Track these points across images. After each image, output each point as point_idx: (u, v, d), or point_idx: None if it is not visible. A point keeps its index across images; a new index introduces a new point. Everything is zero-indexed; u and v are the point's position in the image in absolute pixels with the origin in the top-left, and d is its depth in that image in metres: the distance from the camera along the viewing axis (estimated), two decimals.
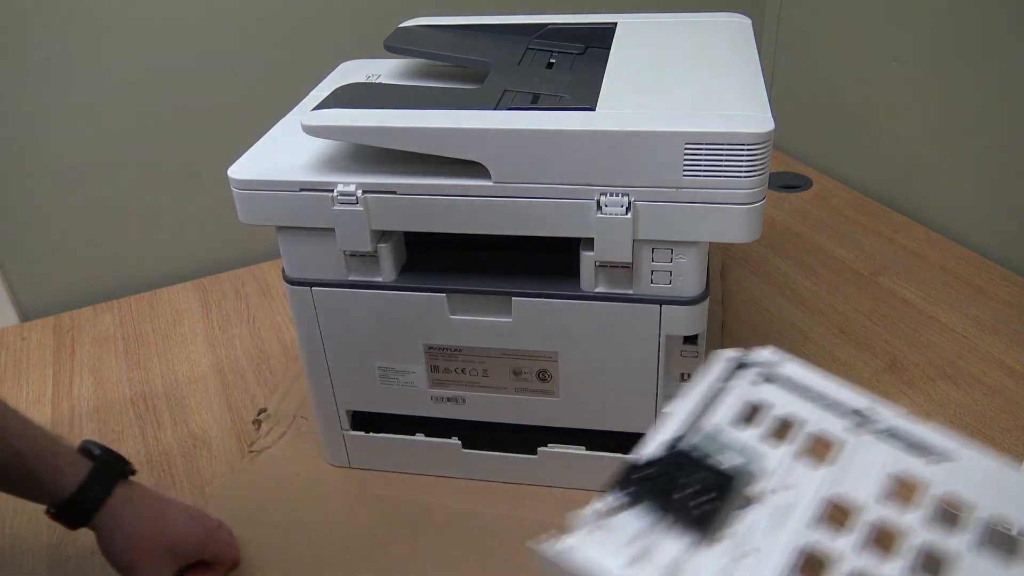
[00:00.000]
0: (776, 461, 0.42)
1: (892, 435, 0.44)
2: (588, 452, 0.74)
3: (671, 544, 0.37)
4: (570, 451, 0.74)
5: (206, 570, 0.68)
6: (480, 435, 0.76)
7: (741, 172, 0.57)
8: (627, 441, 0.71)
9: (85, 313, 1.09)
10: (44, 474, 0.61)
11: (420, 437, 0.77)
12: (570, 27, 0.78)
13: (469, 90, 0.68)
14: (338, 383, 0.76)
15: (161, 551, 0.64)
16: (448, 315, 0.68)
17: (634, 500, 0.39)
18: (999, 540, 0.39)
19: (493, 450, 0.76)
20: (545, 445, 0.75)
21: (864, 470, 0.42)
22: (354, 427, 0.78)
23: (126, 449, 0.85)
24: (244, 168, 0.65)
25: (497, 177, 0.60)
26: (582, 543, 0.37)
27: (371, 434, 0.78)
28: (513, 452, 0.76)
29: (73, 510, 0.62)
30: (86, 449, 0.65)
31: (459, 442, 0.77)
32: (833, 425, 0.45)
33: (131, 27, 1.01)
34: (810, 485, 0.41)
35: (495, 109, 0.62)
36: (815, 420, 0.45)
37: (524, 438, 0.75)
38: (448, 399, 0.74)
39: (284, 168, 0.65)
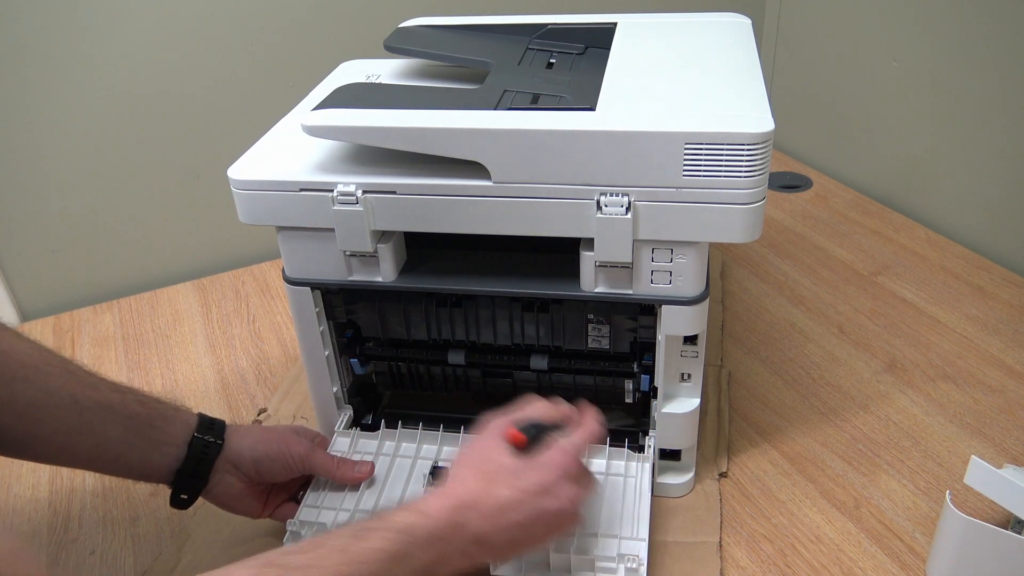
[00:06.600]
0: None
1: None
2: None
3: None
4: None
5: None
6: None
7: (741, 172, 0.57)
8: None
9: (85, 313, 1.09)
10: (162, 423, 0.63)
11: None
12: (570, 27, 0.78)
13: (469, 90, 0.68)
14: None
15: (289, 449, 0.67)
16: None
17: None
18: None
19: None
20: None
21: None
22: (353, 427, 0.78)
23: None
24: (244, 168, 0.65)
25: (497, 177, 0.60)
26: None
27: (371, 433, 0.78)
28: None
29: (206, 439, 0.64)
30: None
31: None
32: None
33: (131, 27, 1.01)
34: None
35: (495, 109, 0.62)
36: None
37: None
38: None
39: (284, 168, 0.65)
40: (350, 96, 0.66)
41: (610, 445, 0.72)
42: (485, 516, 0.53)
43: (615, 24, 0.78)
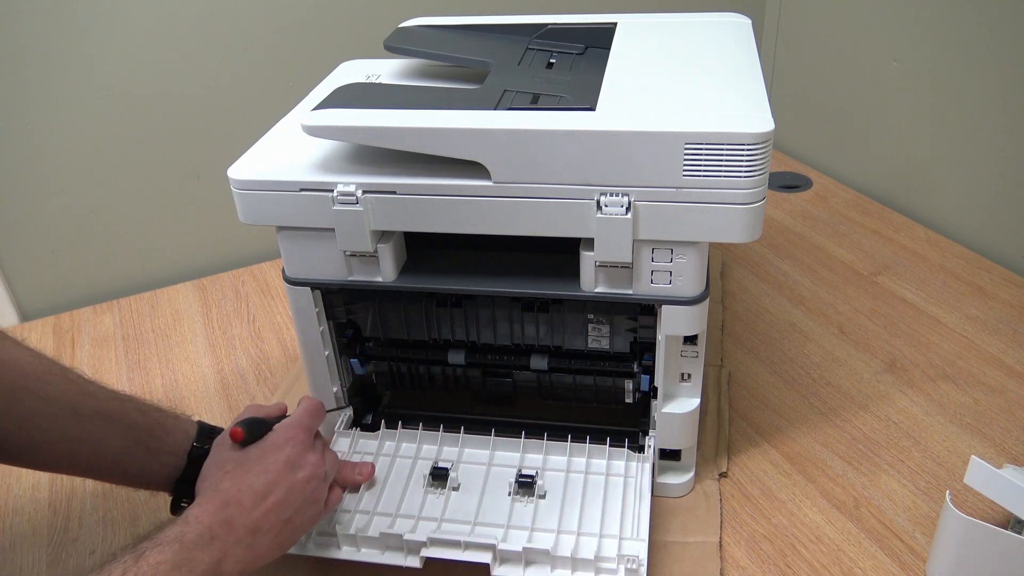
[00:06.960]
0: None
1: None
2: None
3: None
4: None
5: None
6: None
7: (741, 172, 0.57)
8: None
9: (85, 313, 1.09)
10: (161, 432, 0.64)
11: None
12: (570, 27, 0.78)
13: (469, 90, 0.68)
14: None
15: None
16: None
17: None
18: None
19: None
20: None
21: None
22: (353, 427, 0.78)
23: None
24: (244, 168, 0.65)
25: (497, 177, 0.60)
26: None
27: (371, 433, 0.78)
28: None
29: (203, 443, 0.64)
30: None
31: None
32: None
33: (131, 27, 1.01)
34: None
35: (495, 109, 0.62)
36: None
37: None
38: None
39: (284, 168, 0.65)
40: (350, 96, 0.66)
41: (610, 445, 0.72)
42: (249, 507, 0.55)
43: (615, 24, 0.78)
